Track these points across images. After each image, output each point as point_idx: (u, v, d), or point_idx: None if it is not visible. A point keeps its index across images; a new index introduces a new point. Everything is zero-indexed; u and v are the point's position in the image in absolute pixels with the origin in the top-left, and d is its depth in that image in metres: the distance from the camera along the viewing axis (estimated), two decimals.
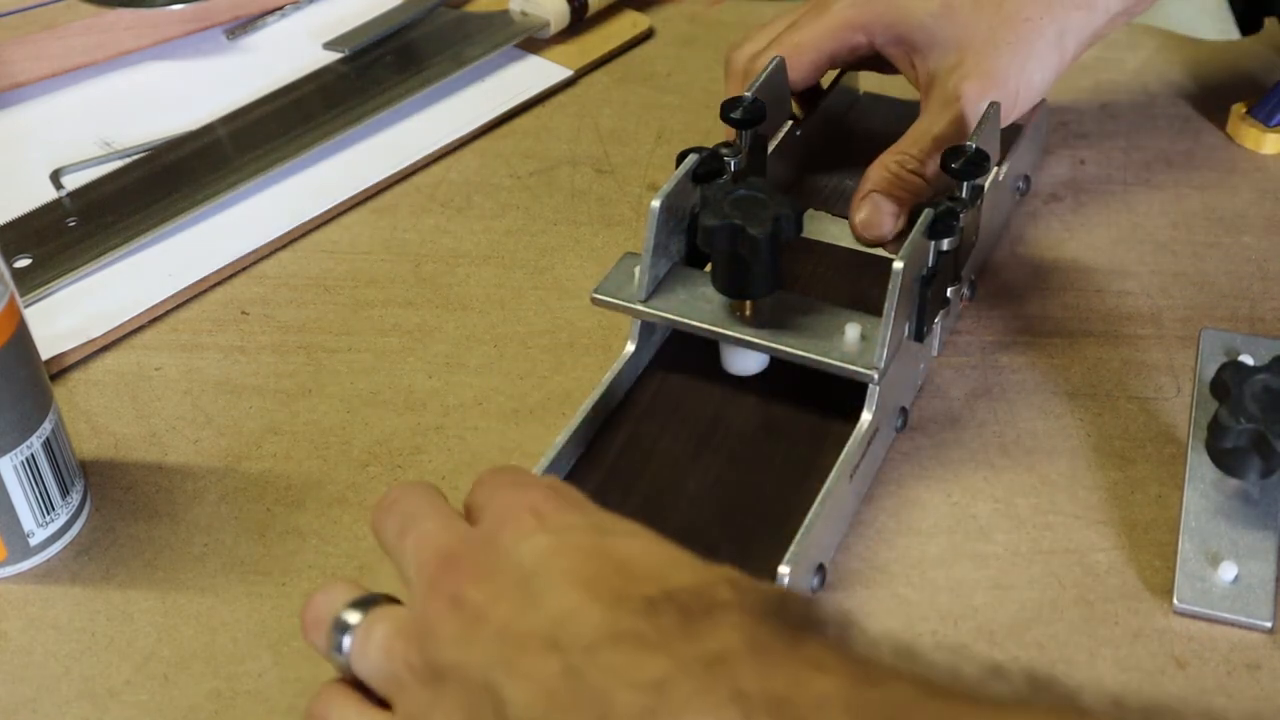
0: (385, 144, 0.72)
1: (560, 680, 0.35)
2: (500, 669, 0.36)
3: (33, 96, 0.76)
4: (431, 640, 0.38)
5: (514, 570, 0.38)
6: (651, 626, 0.35)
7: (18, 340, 0.48)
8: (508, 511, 0.40)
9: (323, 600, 0.42)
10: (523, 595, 0.37)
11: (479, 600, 0.38)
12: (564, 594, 0.37)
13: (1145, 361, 0.58)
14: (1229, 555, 0.49)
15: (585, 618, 0.36)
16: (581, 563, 0.38)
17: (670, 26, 0.83)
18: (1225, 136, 0.72)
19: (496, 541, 0.40)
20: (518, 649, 0.36)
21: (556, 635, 0.36)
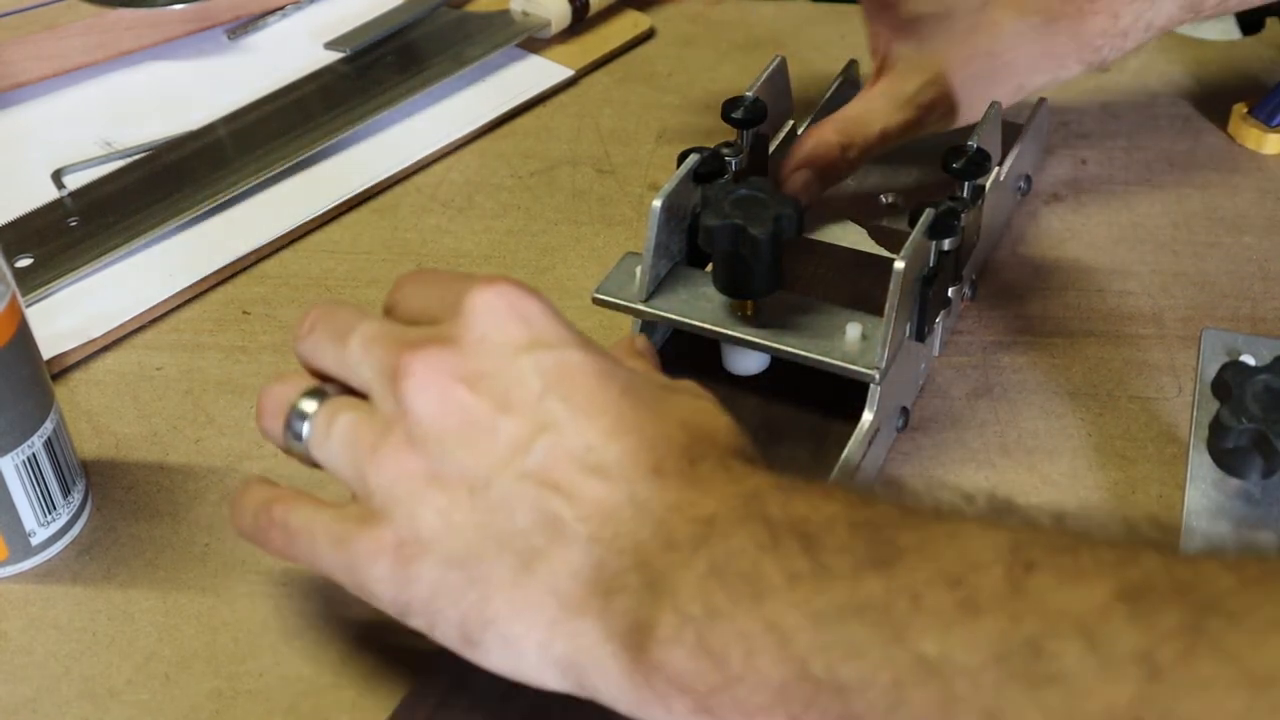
0: (386, 144, 0.72)
1: (624, 507, 0.38)
2: (535, 485, 0.38)
3: (33, 96, 0.76)
4: (421, 436, 0.39)
5: (518, 384, 0.39)
6: (692, 469, 0.39)
7: (19, 340, 0.48)
8: (484, 313, 0.40)
9: (276, 391, 0.43)
10: (537, 415, 0.39)
11: (480, 407, 0.39)
12: (590, 422, 0.39)
13: (1146, 361, 0.58)
14: None
15: (625, 452, 0.38)
16: (597, 387, 0.40)
17: (671, 26, 0.83)
18: (1226, 136, 0.72)
19: (480, 345, 0.40)
20: (552, 469, 0.38)
21: (600, 464, 0.38)
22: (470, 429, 0.39)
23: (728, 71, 0.79)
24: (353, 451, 0.41)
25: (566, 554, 0.38)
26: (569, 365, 0.40)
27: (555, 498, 0.38)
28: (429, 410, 0.39)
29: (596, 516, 0.38)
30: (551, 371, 0.40)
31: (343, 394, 0.42)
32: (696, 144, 0.57)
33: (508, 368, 0.40)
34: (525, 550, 0.38)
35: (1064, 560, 0.34)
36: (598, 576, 0.37)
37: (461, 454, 0.39)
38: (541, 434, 0.39)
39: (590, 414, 0.39)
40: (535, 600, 0.38)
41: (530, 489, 0.38)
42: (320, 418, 0.42)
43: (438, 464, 0.39)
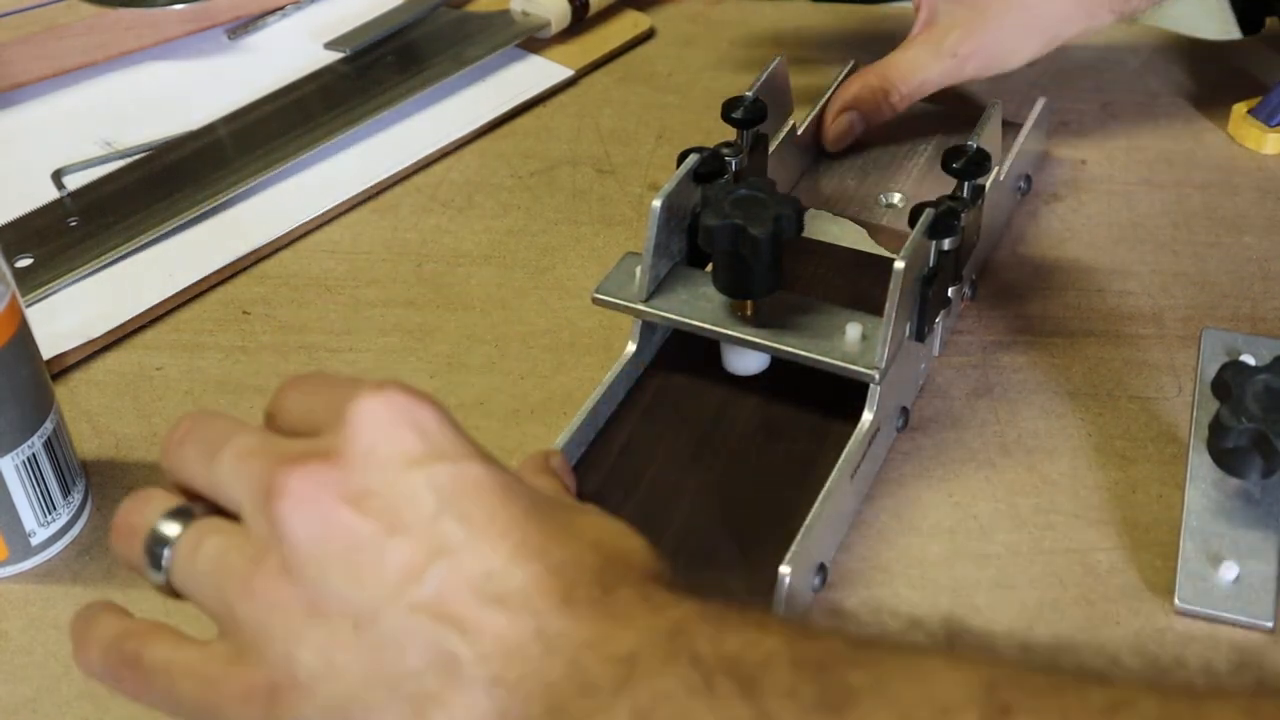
0: (386, 144, 0.72)
1: (530, 645, 0.34)
2: (428, 620, 0.34)
3: (33, 96, 0.76)
4: (298, 564, 0.35)
5: (409, 503, 0.35)
6: (605, 596, 0.35)
7: (19, 340, 0.48)
8: (371, 422, 0.36)
9: (135, 508, 0.39)
10: (431, 539, 0.35)
11: (364, 530, 0.35)
12: (492, 544, 0.35)
13: (1146, 361, 0.58)
14: (1230, 555, 0.49)
15: (527, 578, 0.35)
16: (498, 506, 0.36)
17: (671, 26, 0.83)
18: (1226, 136, 0.72)
19: (367, 459, 0.36)
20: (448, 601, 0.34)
21: (500, 593, 0.34)
22: (354, 554, 0.35)
23: (728, 71, 0.79)
24: (220, 581, 0.36)
25: (465, 699, 0.34)
26: (468, 481, 0.36)
27: (451, 633, 0.34)
28: (307, 533, 0.35)
29: (499, 655, 0.34)
30: (448, 487, 0.36)
31: (211, 515, 0.38)
32: (696, 144, 0.57)
33: (398, 484, 0.35)
34: (418, 695, 0.34)
35: (1046, 703, 0.31)
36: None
37: (344, 583, 0.34)
38: (436, 559, 0.35)
39: (491, 536, 0.35)
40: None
41: (423, 623, 0.34)
42: (184, 543, 0.37)
43: (317, 595, 0.35)
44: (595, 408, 0.52)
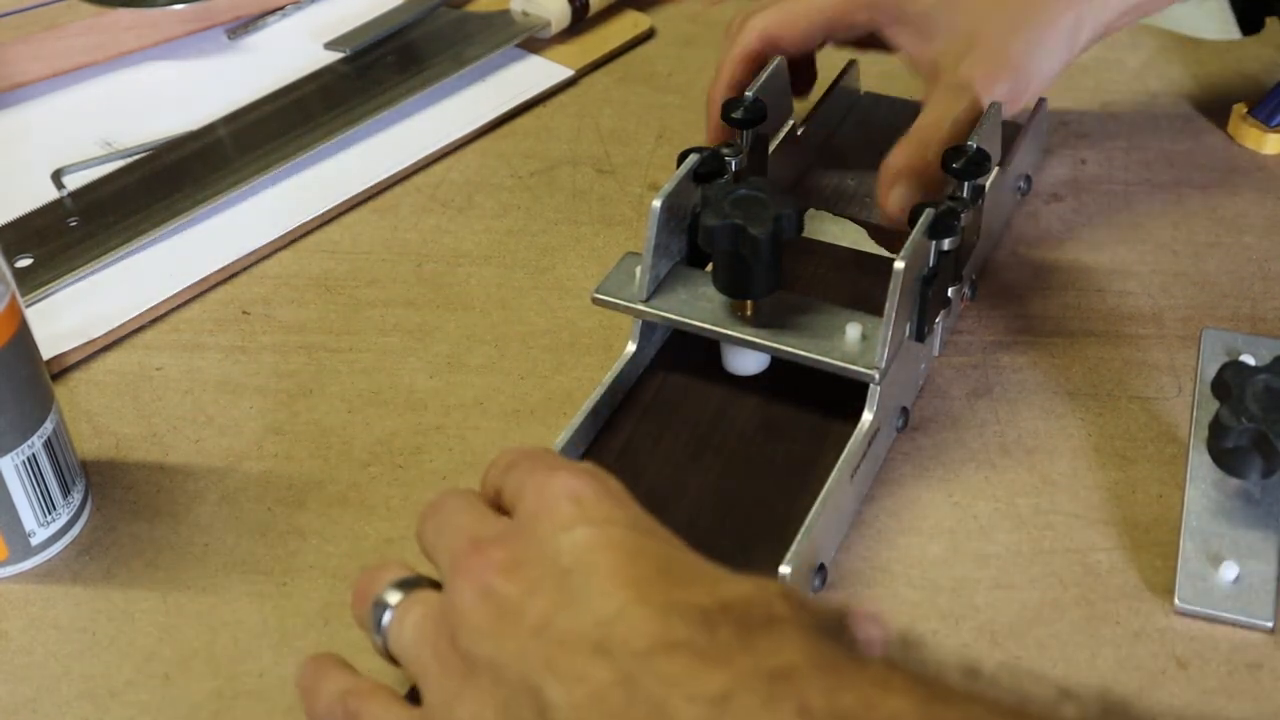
0: (386, 144, 0.72)
1: (612, 687, 0.34)
2: (542, 669, 0.35)
3: (33, 96, 0.76)
4: (462, 630, 0.38)
5: (550, 563, 0.37)
6: (707, 638, 0.34)
7: (19, 340, 0.48)
8: (543, 499, 0.39)
9: (371, 577, 0.43)
10: (561, 591, 0.37)
11: (511, 593, 0.37)
12: (609, 595, 0.36)
13: (1146, 361, 0.58)
14: (1230, 555, 0.49)
15: (635, 622, 0.35)
16: (625, 562, 0.37)
17: (671, 26, 0.83)
18: (1226, 136, 0.72)
19: (531, 531, 0.39)
20: (560, 649, 0.36)
21: (604, 639, 0.35)
22: (501, 617, 0.37)
23: None
24: (418, 649, 0.40)
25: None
26: (603, 541, 0.38)
27: (554, 682, 0.35)
28: (467, 604, 0.38)
29: (587, 703, 0.34)
30: (582, 547, 0.37)
31: (432, 589, 0.42)
32: (696, 144, 0.57)
33: (545, 548, 0.38)
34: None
35: None
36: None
37: (489, 644, 0.37)
38: (561, 611, 0.36)
39: (610, 590, 0.36)
40: None
41: (533, 673, 0.36)
42: (398, 611, 0.41)
43: (472, 658, 0.37)
44: (595, 408, 0.52)
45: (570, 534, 0.38)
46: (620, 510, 0.39)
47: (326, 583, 0.50)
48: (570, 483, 0.40)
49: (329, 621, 0.49)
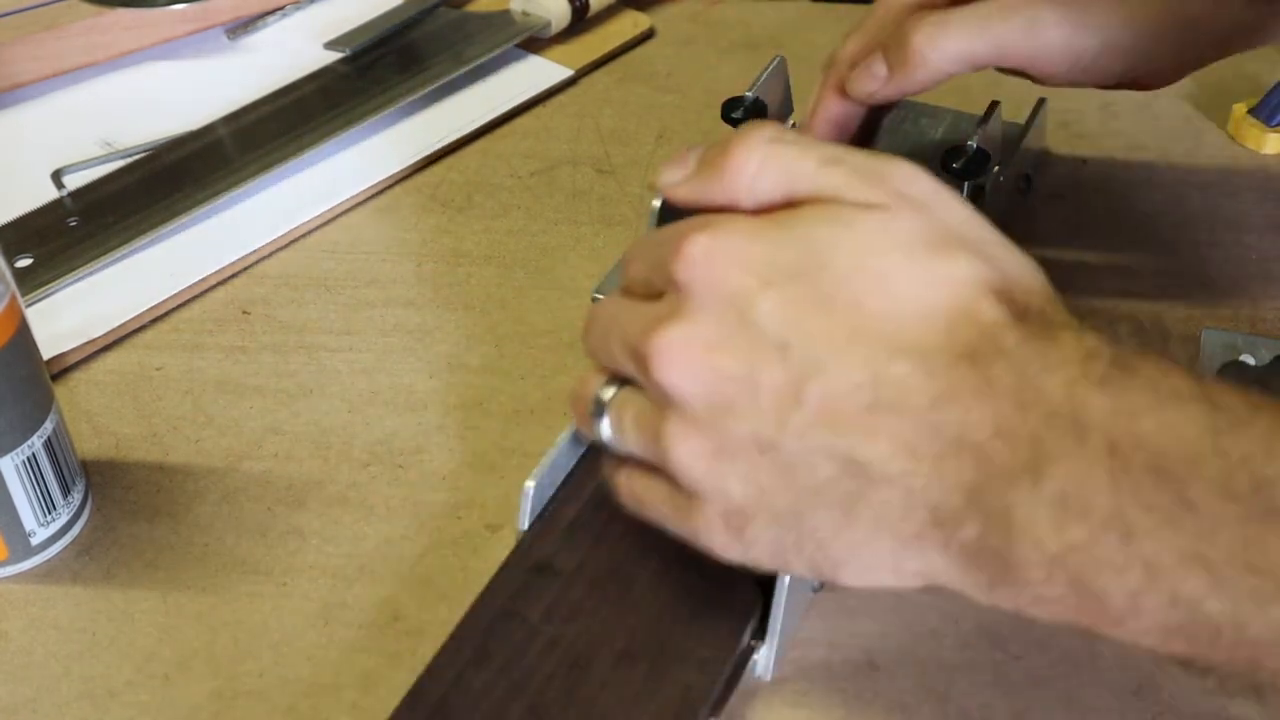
0: (386, 144, 0.72)
1: (930, 440, 0.36)
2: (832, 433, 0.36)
3: (33, 96, 0.76)
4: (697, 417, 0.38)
5: (757, 338, 0.37)
6: (987, 381, 0.36)
7: (19, 340, 0.48)
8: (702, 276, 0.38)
9: (585, 379, 0.43)
10: (788, 363, 0.37)
11: (734, 370, 0.37)
12: (845, 358, 0.37)
13: None
14: None
15: (903, 380, 0.36)
16: (835, 322, 0.37)
17: (670, 26, 0.83)
18: (1226, 136, 0.72)
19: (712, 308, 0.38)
20: (837, 415, 0.36)
21: (875, 400, 0.36)
22: (731, 395, 0.38)
23: (728, 71, 0.79)
24: (646, 443, 0.40)
25: (886, 495, 0.37)
26: (795, 302, 0.37)
27: (850, 440, 0.36)
28: (685, 388, 0.38)
29: (903, 454, 0.36)
30: (780, 314, 0.37)
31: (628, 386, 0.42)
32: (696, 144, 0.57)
33: (743, 325, 0.38)
34: (842, 497, 0.37)
35: None
36: (928, 514, 0.36)
37: (733, 422, 0.38)
38: (806, 381, 0.37)
39: (838, 348, 0.37)
40: (871, 541, 0.37)
41: (820, 438, 0.37)
42: (612, 412, 0.42)
43: (718, 437, 0.38)
44: None
45: (759, 307, 0.38)
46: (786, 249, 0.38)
47: (326, 583, 0.50)
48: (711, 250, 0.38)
49: (329, 621, 0.49)
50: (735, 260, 0.38)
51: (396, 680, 0.46)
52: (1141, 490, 0.34)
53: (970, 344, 0.36)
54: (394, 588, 0.50)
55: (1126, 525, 0.34)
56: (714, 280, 0.38)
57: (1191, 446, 0.34)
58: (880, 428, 0.36)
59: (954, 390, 0.36)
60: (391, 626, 0.49)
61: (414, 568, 0.51)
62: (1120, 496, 0.34)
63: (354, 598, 0.50)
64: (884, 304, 0.37)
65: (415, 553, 0.51)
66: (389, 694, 0.45)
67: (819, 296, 0.37)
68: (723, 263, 0.38)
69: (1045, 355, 0.36)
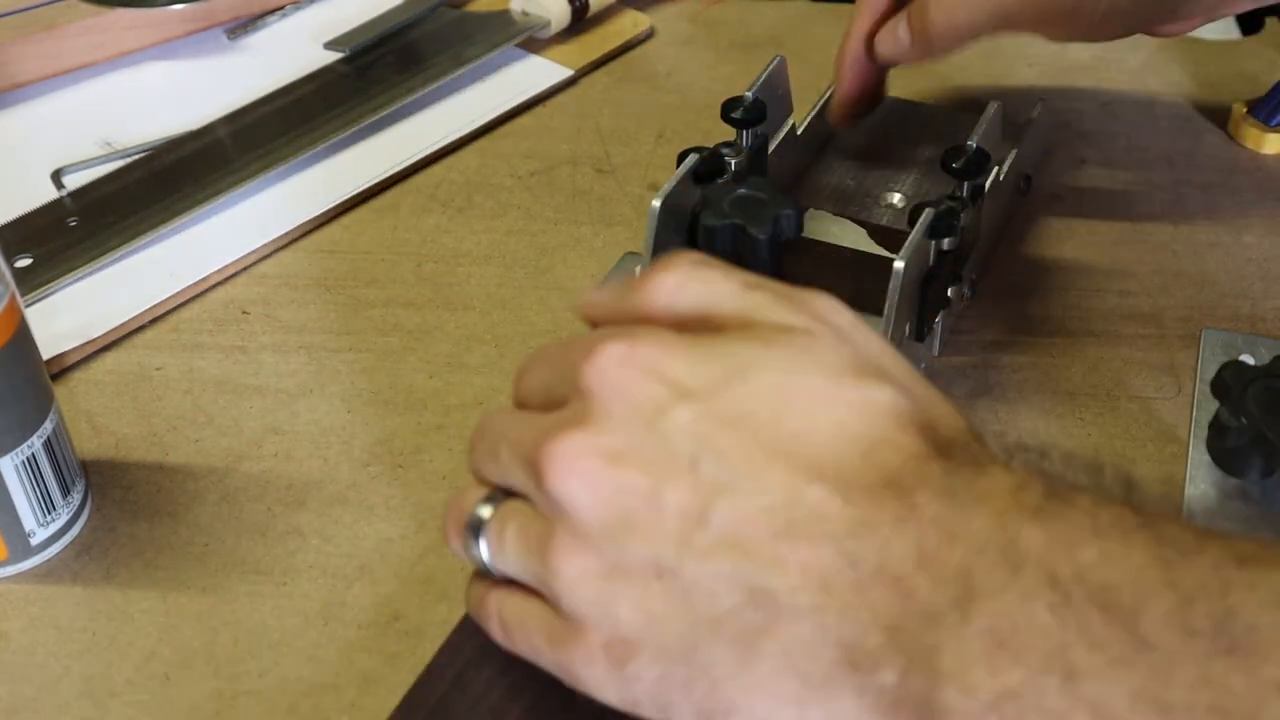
0: (386, 144, 0.72)
1: (844, 570, 0.33)
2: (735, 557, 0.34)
3: (33, 96, 0.76)
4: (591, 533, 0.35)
5: (665, 451, 0.35)
6: (911, 509, 0.33)
7: (18, 340, 0.48)
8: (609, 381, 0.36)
9: (456, 502, 0.40)
10: (698, 479, 0.35)
11: (637, 484, 0.35)
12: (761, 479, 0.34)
13: (1146, 361, 0.58)
14: None
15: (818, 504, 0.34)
16: (751, 441, 0.35)
17: (670, 26, 0.83)
18: (1226, 136, 0.72)
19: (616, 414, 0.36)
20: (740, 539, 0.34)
21: (790, 522, 0.34)
22: (631, 511, 0.35)
23: (728, 71, 0.79)
24: (529, 560, 0.37)
25: (793, 630, 0.33)
26: (709, 417, 0.35)
27: (756, 568, 0.34)
28: (580, 499, 0.35)
29: (814, 584, 0.33)
30: (692, 429, 0.35)
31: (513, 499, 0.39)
32: (696, 144, 0.57)
33: (649, 435, 0.35)
34: (743, 631, 0.34)
35: None
36: (841, 654, 0.33)
37: (630, 540, 0.35)
38: (714, 499, 0.34)
39: (754, 468, 0.34)
40: (772, 682, 0.34)
41: (723, 563, 0.34)
42: (493, 532, 0.39)
43: (613, 555, 0.35)
44: None
45: (671, 418, 0.35)
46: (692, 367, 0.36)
47: (326, 583, 0.50)
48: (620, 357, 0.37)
49: (329, 621, 0.49)
50: (649, 369, 0.36)
51: (396, 680, 0.45)
52: (1087, 626, 0.30)
53: (892, 472, 0.34)
54: (394, 588, 0.50)
55: (1069, 666, 0.30)
56: (625, 387, 0.36)
57: (1140, 577, 0.31)
58: (791, 555, 0.33)
59: (874, 518, 0.33)
60: (391, 626, 0.49)
61: (414, 568, 0.51)
62: (1063, 634, 0.31)
63: (354, 598, 0.50)
64: (803, 425, 0.35)
65: (415, 553, 0.51)
66: (389, 694, 0.45)
67: (735, 413, 0.35)
68: (636, 371, 0.36)
69: (973, 485, 0.34)
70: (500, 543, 0.39)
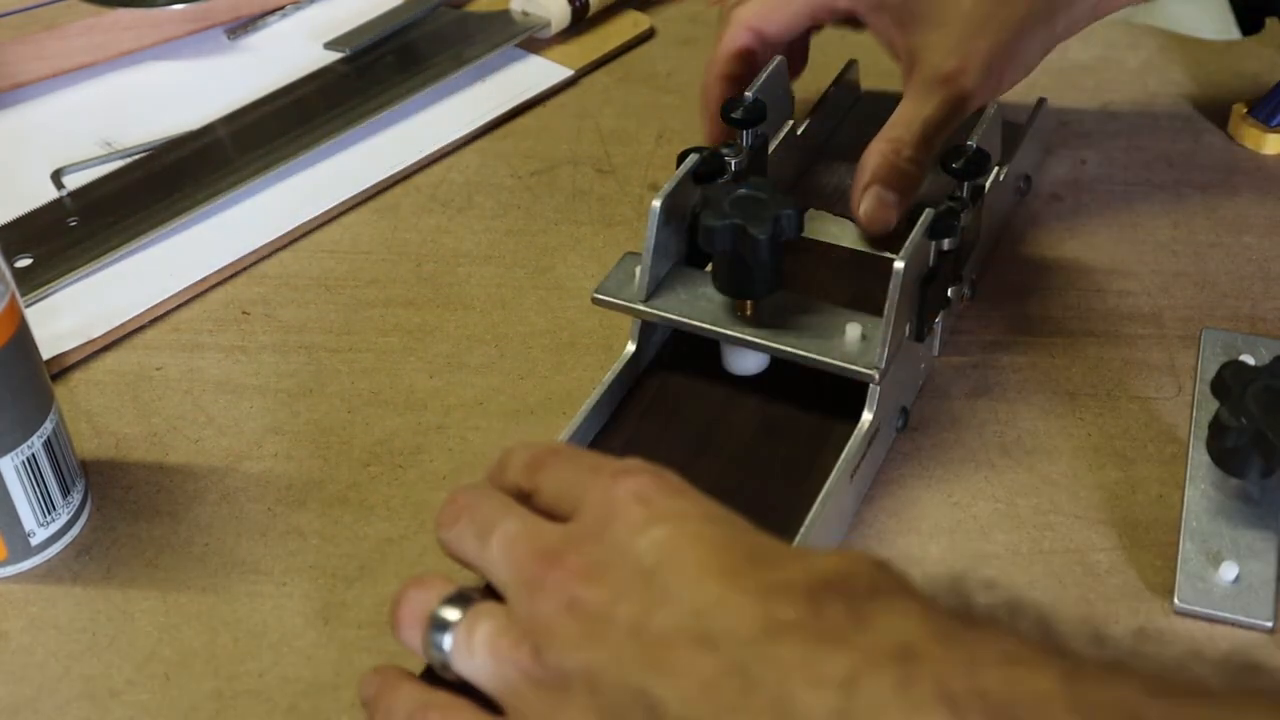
0: (386, 144, 0.72)
1: (725, 677, 0.33)
2: (644, 670, 0.35)
3: (33, 96, 0.76)
4: (550, 645, 0.37)
5: (632, 566, 0.37)
6: (815, 617, 0.33)
7: (18, 340, 0.48)
8: (610, 504, 0.38)
9: (416, 595, 0.41)
10: (649, 590, 0.36)
11: (598, 600, 0.36)
12: (702, 587, 0.35)
13: (1146, 361, 0.58)
14: (1230, 555, 0.49)
15: (735, 610, 0.34)
16: (710, 553, 0.36)
17: (671, 26, 0.83)
18: (1226, 136, 0.72)
19: (605, 537, 0.38)
20: (660, 647, 0.35)
21: (706, 630, 0.34)
22: (590, 626, 0.36)
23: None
24: (494, 665, 0.38)
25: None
26: (684, 536, 0.37)
27: (659, 680, 0.34)
28: (551, 618, 0.37)
29: (699, 696, 0.33)
30: (663, 546, 0.37)
31: (484, 599, 0.40)
32: (696, 144, 0.57)
33: (623, 553, 0.37)
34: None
35: None
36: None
37: (582, 655, 0.36)
38: (655, 610, 0.35)
39: (701, 581, 0.35)
40: None
41: (635, 675, 0.35)
42: (462, 631, 0.39)
43: (564, 672, 0.36)
44: (595, 408, 0.52)
45: (647, 535, 0.37)
46: (690, 504, 0.39)
47: (327, 582, 0.50)
48: (632, 484, 0.39)
49: (329, 621, 0.49)
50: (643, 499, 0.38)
51: None
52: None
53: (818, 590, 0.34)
54: (394, 588, 0.50)
55: None
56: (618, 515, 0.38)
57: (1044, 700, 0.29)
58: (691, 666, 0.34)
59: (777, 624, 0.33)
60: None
61: (414, 568, 0.51)
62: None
63: (354, 598, 0.50)
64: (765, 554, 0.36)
65: (415, 553, 0.51)
66: None
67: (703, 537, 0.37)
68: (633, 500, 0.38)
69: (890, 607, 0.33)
70: (468, 645, 0.39)
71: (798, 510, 0.48)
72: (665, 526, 0.37)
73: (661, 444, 0.52)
